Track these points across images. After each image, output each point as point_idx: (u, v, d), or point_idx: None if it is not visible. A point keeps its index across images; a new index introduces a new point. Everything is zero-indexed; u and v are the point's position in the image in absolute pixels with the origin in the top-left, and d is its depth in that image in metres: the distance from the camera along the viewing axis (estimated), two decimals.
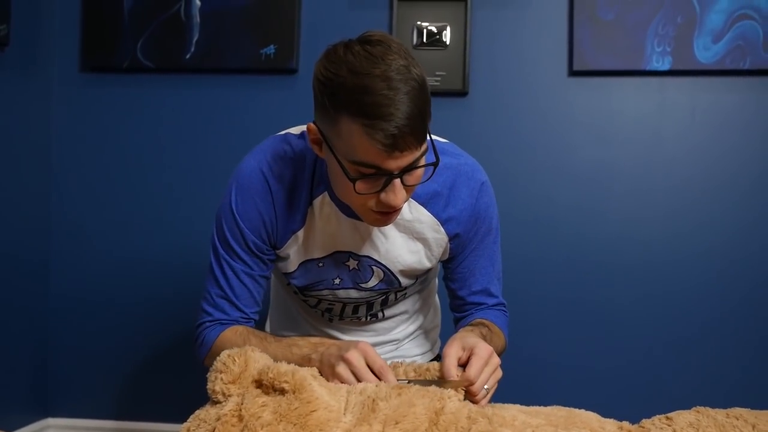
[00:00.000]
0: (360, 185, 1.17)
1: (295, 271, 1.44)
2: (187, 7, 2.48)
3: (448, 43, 2.40)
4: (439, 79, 2.39)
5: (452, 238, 1.44)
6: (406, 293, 1.57)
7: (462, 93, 2.41)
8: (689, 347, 2.35)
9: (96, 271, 2.56)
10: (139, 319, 2.54)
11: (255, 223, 1.38)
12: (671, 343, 2.36)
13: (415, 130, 1.13)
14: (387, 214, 1.25)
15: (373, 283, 1.46)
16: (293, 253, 1.42)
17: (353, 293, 1.48)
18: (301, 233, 1.40)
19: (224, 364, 1.14)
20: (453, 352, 1.21)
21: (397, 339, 1.65)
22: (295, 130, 1.44)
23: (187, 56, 2.48)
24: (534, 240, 2.38)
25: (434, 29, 2.41)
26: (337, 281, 1.45)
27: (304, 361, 1.23)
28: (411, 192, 1.25)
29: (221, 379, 1.12)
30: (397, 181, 1.17)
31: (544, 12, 2.41)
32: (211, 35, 2.47)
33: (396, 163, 1.15)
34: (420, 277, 1.53)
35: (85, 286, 2.56)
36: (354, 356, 1.17)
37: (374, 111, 1.10)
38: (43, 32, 2.52)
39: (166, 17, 2.49)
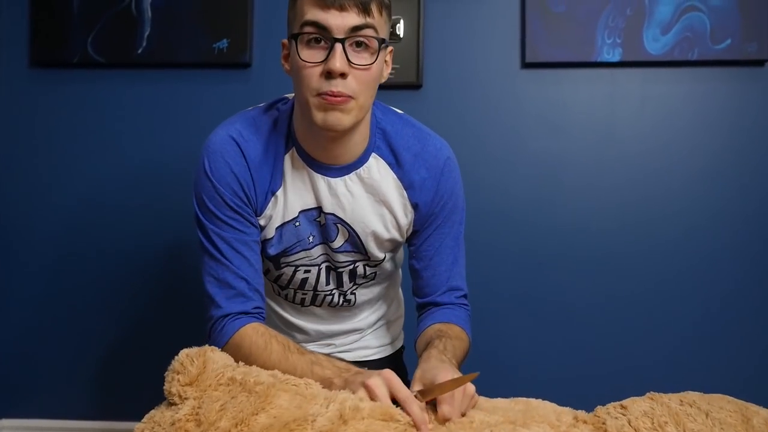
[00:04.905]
0: (305, 52, 1.26)
1: (272, 238, 1.45)
2: (138, 0, 2.44)
3: (401, 36, 2.40)
4: (393, 72, 2.33)
5: (414, 206, 1.47)
6: (376, 272, 1.57)
7: (416, 86, 2.42)
8: (644, 338, 2.39)
9: (42, 266, 2.51)
10: (90, 316, 2.50)
11: (232, 185, 1.38)
12: (625, 333, 2.39)
13: None
14: (335, 98, 1.27)
15: (339, 243, 1.47)
16: (272, 219, 1.43)
17: (325, 249, 1.49)
18: (280, 193, 1.42)
19: (182, 364, 1.12)
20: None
21: (361, 328, 1.66)
22: (260, 105, 1.48)
23: (139, 51, 2.45)
24: (487, 231, 2.40)
25: None
26: (311, 239, 1.46)
27: (325, 384, 1.16)
28: (362, 82, 1.29)
29: (178, 381, 1.10)
30: (339, 46, 1.24)
31: (497, 5, 2.43)
32: (163, 29, 2.44)
33: (336, 21, 1.24)
34: (389, 253, 1.54)
35: (32, 284, 2.52)
36: (376, 383, 1.11)
37: None
38: None
39: (117, 11, 2.45)
